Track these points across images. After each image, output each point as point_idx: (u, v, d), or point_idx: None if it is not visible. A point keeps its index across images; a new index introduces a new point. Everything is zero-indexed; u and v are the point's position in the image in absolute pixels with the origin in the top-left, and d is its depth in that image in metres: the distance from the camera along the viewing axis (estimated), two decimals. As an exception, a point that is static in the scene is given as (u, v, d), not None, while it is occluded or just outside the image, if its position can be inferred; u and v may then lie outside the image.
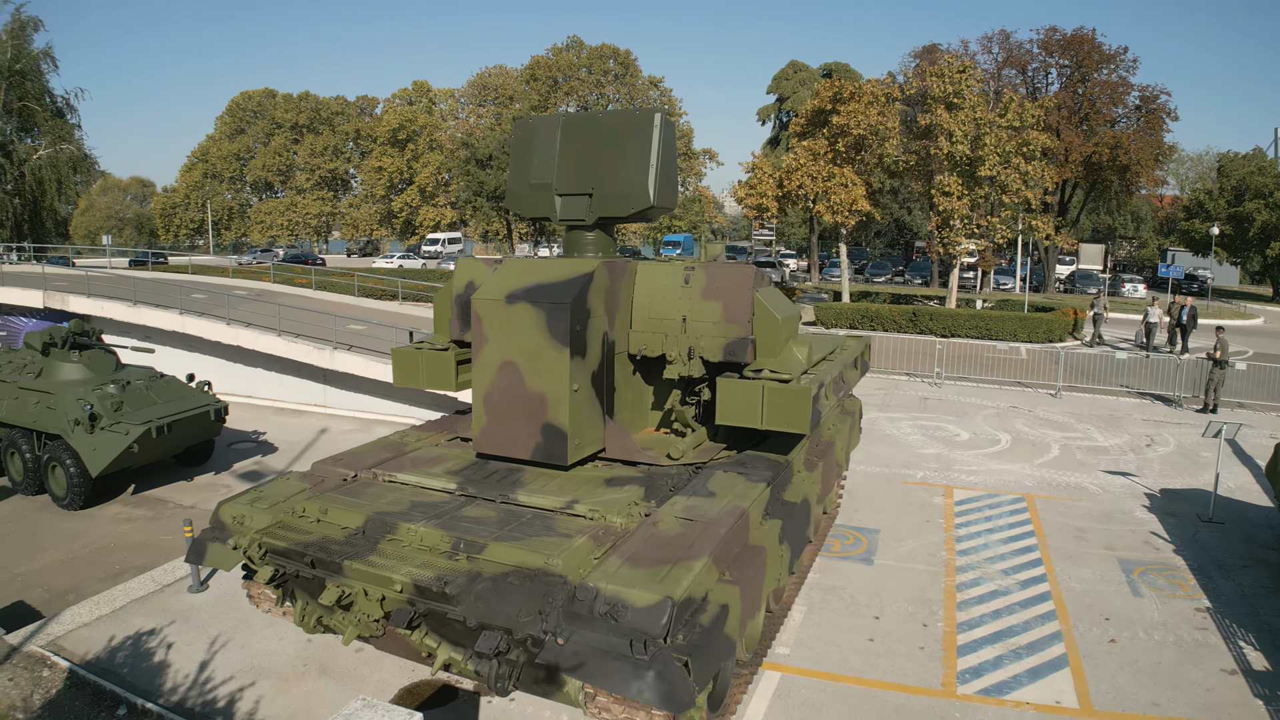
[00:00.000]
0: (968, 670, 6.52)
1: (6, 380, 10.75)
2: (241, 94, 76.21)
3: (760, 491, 6.07)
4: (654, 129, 6.65)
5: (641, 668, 4.31)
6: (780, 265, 44.22)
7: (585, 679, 4.41)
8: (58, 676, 6.20)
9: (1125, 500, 10.55)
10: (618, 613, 4.48)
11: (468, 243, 71.18)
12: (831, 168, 26.37)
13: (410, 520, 5.50)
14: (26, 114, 25.08)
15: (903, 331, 23.91)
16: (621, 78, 79.43)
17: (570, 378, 5.99)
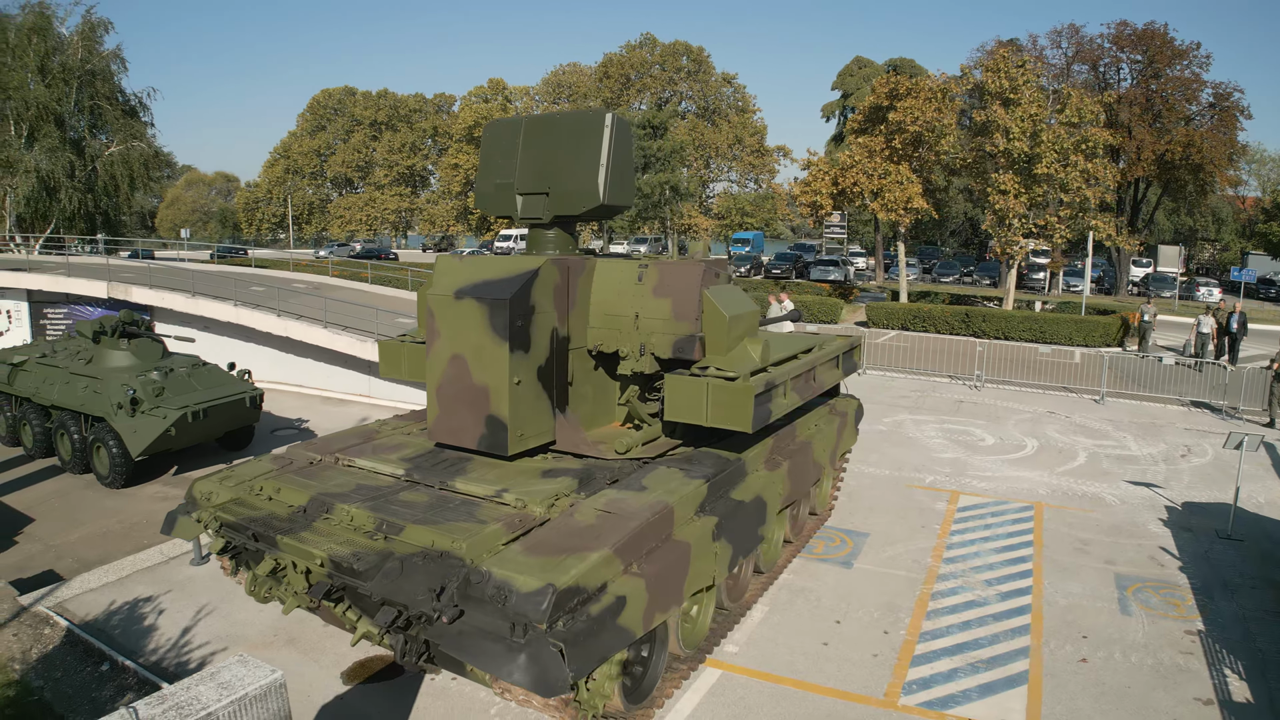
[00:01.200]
0: (916, 681, 6.29)
1: (59, 366, 11.63)
2: (322, 92, 78.17)
3: (695, 488, 6.03)
4: (604, 130, 6.68)
5: (516, 650, 4.38)
6: (844, 264, 43.16)
7: (464, 658, 4.51)
8: (56, 634, 6.73)
9: (1141, 512, 9.91)
10: (505, 596, 4.57)
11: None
12: (887, 165, 25.61)
13: (348, 501, 5.73)
14: (98, 113, 26.37)
15: (955, 333, 23.03)
16: (694, 74, 79.11)
17: (510, 371, 6.09)
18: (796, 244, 63.10)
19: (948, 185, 31.97)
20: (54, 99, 23.88)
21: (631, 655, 5.76)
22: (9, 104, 23.26)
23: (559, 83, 79.30)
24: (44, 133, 23.75)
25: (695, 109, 79.55)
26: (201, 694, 4.00)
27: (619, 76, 74.95)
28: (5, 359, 12.03)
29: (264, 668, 4.23)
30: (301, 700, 6.01)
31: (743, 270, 49.47)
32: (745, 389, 6.13)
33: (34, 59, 23.65)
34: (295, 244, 74.66)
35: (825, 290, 33.96)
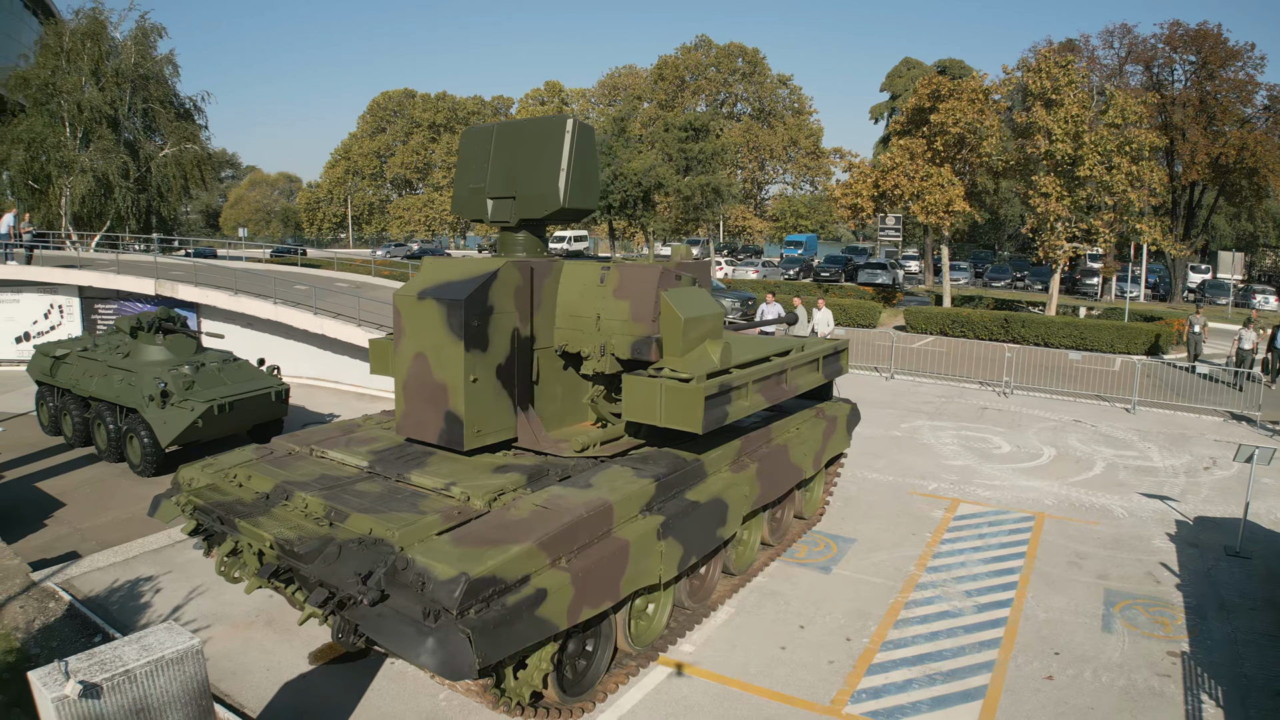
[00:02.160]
0: (867, 690, 6.15)
1: (99, 359, 12.31)
2: (382, 94, 79.02)
3: (640, 487, 6.04)
4: (565, 135, 6.75)
5: (426, 634, 4.49)
6: (892, 268, 42.15)
7: (379, 639, 4.65)
8: (60, 608, 7.16)
9: (1148, 526, 9.44)
10: (423, 583, 4.70)
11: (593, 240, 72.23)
12: (929, 167, 24.95)
13: (307, 490, 5.95)
14: (151, 116, 27.24)
15: (994, 338, 22.27)
16: (749, 76, 78.55)
17: (466, 369, 6.22)
18: (849, 247, 61.87)
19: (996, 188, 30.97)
20: (107, 102, 24.65)
21: (574, 648, 5.84)
22: (64, 107, 24.13)
23: (614, 85, 79.45)
24: (98, 135, 24.58)
25: (750, 111, 79.05)
26: (125, 654, 4.24)
27: (673, 79, 74.93)
28: (49, 352, 12.80)
29: (185, 635, 4.45)
30: (267, 676, 6.29)
31: (791, 273, 49.00)
32: (695, 391, 6.12)
33: (88, 63, 24.40)
34: (355, 244, 76.19)
35: (868, 294, 33.32)
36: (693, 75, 76.03)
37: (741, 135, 74.29)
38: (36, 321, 17.23)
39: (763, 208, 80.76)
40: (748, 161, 76.44)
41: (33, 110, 24.43)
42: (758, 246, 76.63)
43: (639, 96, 76.11)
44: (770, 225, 78.06)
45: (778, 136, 76.12)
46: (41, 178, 23.93)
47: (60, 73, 24.14)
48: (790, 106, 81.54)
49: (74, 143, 24.44)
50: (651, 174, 33.39)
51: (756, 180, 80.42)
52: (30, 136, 23.72)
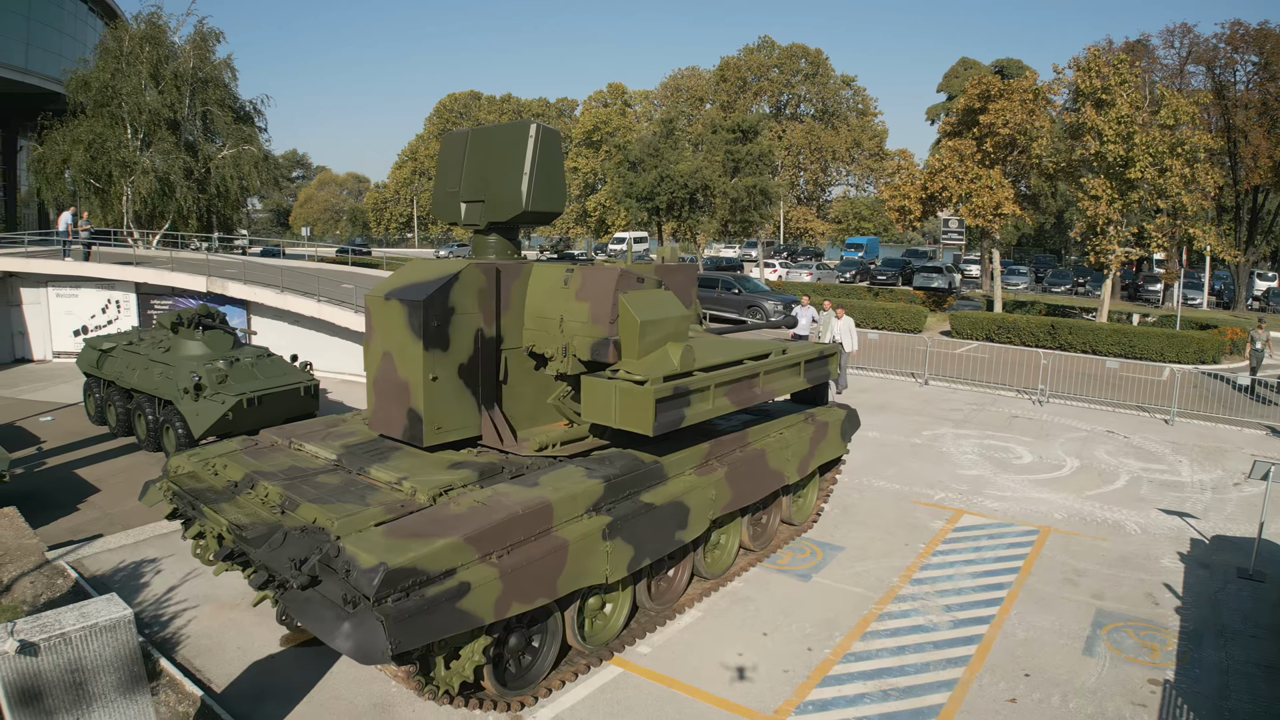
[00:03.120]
0: (815, 702, 5.97)
1: (141, 353, 12.98)
2: (448, 96, 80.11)
3: (587, 487, 6.03)
4: (529, 140, 6.79)
5: (344, 619, 4.61)
6: (949, 271, 40.76)
7: (303, 621, 4.78)
8: (66, 584, 7.60)
9: (1160, 544, 8.88)
10: (347, 570, 4.83)
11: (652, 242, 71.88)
12: (978, 169, 24.05)
13: (271, 480, 6.16)
14: (210, 118, 27.94)
15: (1040, 345, 21.30)
16: (812, 77, 77.32)
17: (425, 368, 6.33)
18: (909, 250, 60.16)
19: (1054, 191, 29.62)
20: (167, 105, 25.46)
21: (516, 643, 5.87)
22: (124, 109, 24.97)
23: (677, 86, 79.11)
24: (158, 137, 25.43)
25: (814, 112, 77.83)
26: (64, 619, 4.47)
27: (735, 80, 74.36)
28: (96, 345, 13.56)
29: (120, 606, 4.65)
30: (239, 655, 6.50)
31: (847, 276, 48.06)
32: (645, 393, 6.08)
33: (147, 67, 25.17)
34: (420, 243, 77.51)
35: (918, 298, 32.38)
36: (755, 76, 75.28)
37: (803, 136, 73.28)
38: (94, 316, 18.31)
39: (825, 210, 79.41)
40: (810, 163, 75.36)
41: (93, 111, 25.32)
42: (818, 249, 75.35)
43: (701, 98, 75.76)
44: (832, 227, 76.67)
45: (841, 138, 74.76)
46: (103, 177, 25.15)
47: (120, 76, 24.95)
48: (854, 108, 79.99)
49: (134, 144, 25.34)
50: (698, 176, 33.24)
51: (819, 182, 79.14)
52: (90, 137, 24.63)
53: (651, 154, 33.92)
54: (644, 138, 38.09)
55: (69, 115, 25.48)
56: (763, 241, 56.30)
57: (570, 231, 77.41)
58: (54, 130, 25.59)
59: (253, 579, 5.25)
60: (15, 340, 18.60)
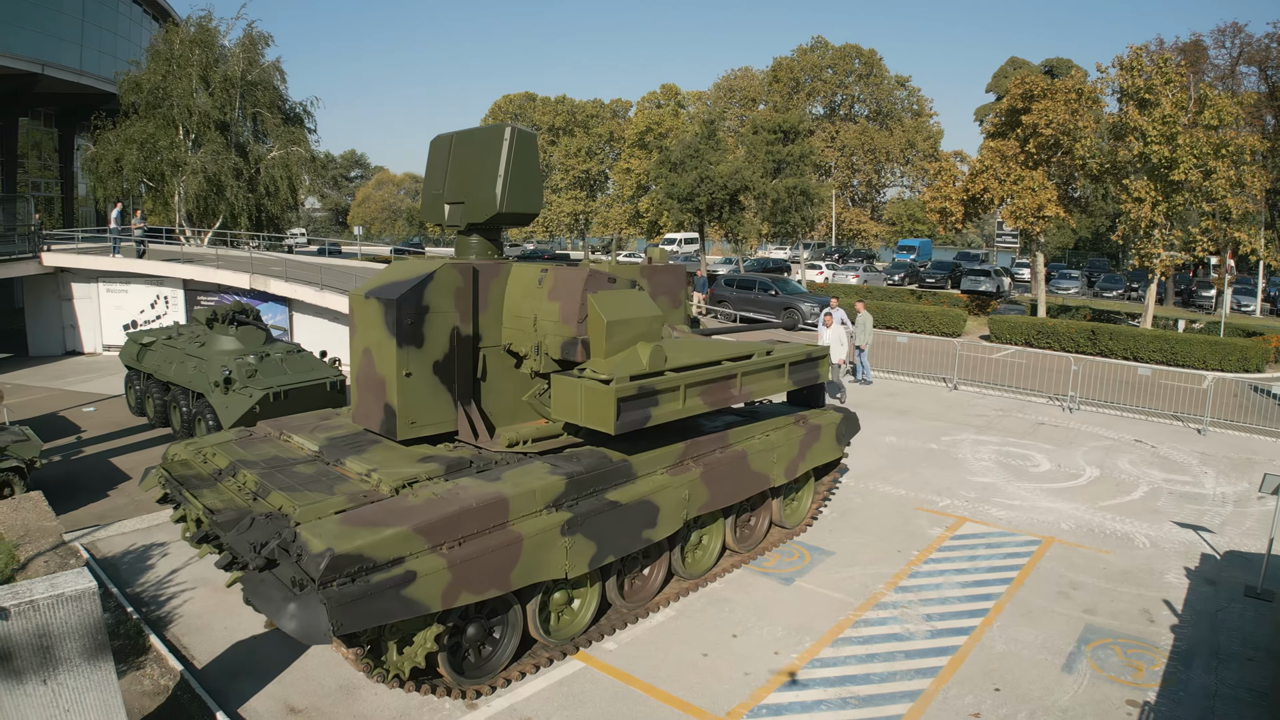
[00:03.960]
0: (769, 706, 5.89)
1: (178, 347, 13.57)
2: (503, 97, 79.36)
3: (547, 483, 6.08)
4: (503, 143, 6.89)
5: (290, 600, 4.79)
6: (997, 274, 39.55)
7: (255, 601, 4.97)
8: (78, 564, 8.00)
9: (1167, 559, 8.47)
10: (299, 555, 5.00)
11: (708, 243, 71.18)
12: (1020, 170, 23.26)
13: (251, 468, 6.39)
14: (259, 120, 28.62)
15: (1080, 350, 20.50)
16: (865, 78, 75.98)
17: (399, 364, 6.48)
18: (961, 252, 58.54)
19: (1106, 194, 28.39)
20: (216, 106, 26.15)
21: (475, 633, 5.97)
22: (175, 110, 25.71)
23: (730, 87, 78.39)
24: (208, 138, 26.16)
25: (868, 113, 76.48)
26: (35, 588, 4.72)
27: (788, 80, 73.49)
28: (138, 339, 14.22)
29: (86, 578, 4.88)
30: (224, 634, 6.76)
31: (896, 279, 47.15)
32: (607, 392, 6.10)
33: (197, 69, 25.86)
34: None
35: (961, 300, 31.54)
36: (808, 77, 74.26)
37: (857, 137, 72.10)
38: (143, 311, 19.21)
39: (879, 211, 77.91)
40: (864, 164, 74.12)
41: (145, 113, 26.20)
42: (870, 251, 74.03)
43: (753, 98, 75.08)
44: (886, 229, 75.16)
45: (895, 139, 73.29)
46: (155, 176, 26.15)
47: (171, 78, 25.72)
48: (908, 108, 78.25)
49: (185, 144, 26.18)
50: (737, 177, 32.98)
51: (872, 183, 77.75)
52: (142, 137, 25.53)
53: (692, 155, 33.78)
54: (684, 138, 37.94)
55: (121, 116, 26.44)
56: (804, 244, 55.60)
57: (623, 232, 77.18)
58: (107, 130, 26.58)
59: (219, 560, 5.49)
60: (66, 333, 19.68)
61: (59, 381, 17.08)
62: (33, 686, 4.65)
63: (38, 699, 4.67)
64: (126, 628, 6.76)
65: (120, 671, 6.23)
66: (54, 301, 19.56)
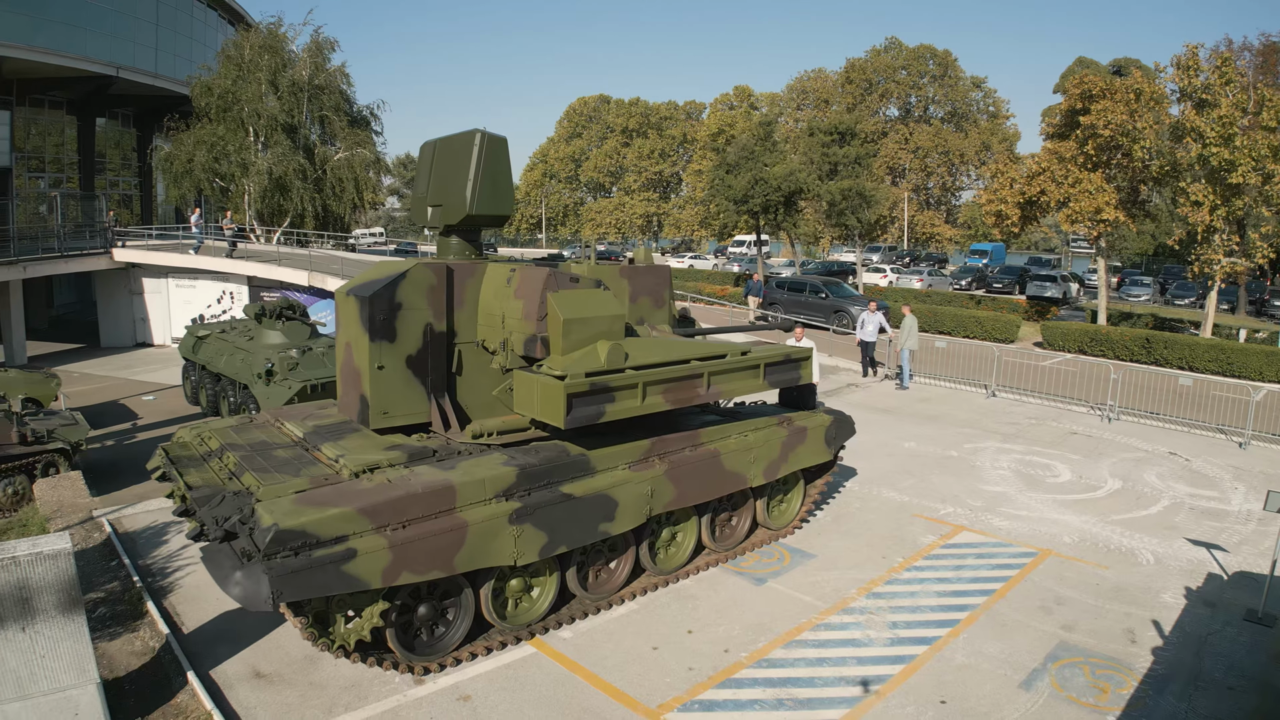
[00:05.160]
0: (702, 702, 5.86)
1: (228, 340, 14.41)
2: (579, 100, 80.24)
3: (500, 474, 6.24)
4: (474, 148, 7.09)
5: (237, 569, 5.12)
6: (1064, 280, 37.64)
7: (209, 569, 5.34)
8: (100, 537, 8.66)
9: (1169, 577, 7.96)
10: (251, 529, 5.33)
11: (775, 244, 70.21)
12: (1079, 172, 22.10)
13: (236, 451, 6.79)
14: (326, 123, 29.37)
15: (1134, 359, 19.35)
16: (940, 79, 73.62)
17: (371, 358, 6.77)
18: (1032, 258, 55.95)
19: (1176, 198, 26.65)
20: (284, 110, 26.97)
21: (426, 612, 6.18)
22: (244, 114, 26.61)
23: (803, 89, 77.03)
24: (274, 140, 27.00)
25: (943, 114, 74.10)
26: (18, 547, 5.16)
27: (860, 81, 71.83)
28: (195, 332, 15.15)
29: (64, 540, 5.30)
30: (215, 604, 7.11)
31: (962, 283, 45.65)
32: (558, 387, 6.23)
33: (266, 74, 26.67)
34: (548, 244, 79.01)
35: (1021, 307, 30.24)
36: (881, 78, 72.38)
37: (930, 139, 69.94)
38: (210, 306, 20.43)
39: (954, 215, 75.29)
40: (938, 166, 71.85)
41: (216, 116, 27.28)
42: (943, 255, 71.67)
43: (826, 100, 73.66)
44: (960, 233, 72.57)
45: (970, 141, 70.69)
46: (226, 177, 27.44)
47: (241, 82, 26.70)
48: (984, 110, 75.36)
49: (255, 147, 27.15)
50: (792, 179, 32.52)
51: (946, 186, 75.24)
52: (213, 140, 26.62)
53: (747, 157, 33.48)
54: (740, 140, 37.61)
55: (193, 118, 27.71)
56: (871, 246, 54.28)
57: (695, 234, 76.57)
58: (180, 132, 27.87)
59: (189, 531, 5.89)
60: (137, 326, 21.10)
61: (125, 371, 18.36)
62: (13, 633, 5.10)
63: (17, 644, 5.12)
64: (130, 595, 7.29)
65: (116, 633, 6.75)
66: (125, 295, 20.98)
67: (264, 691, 5.97)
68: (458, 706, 5.80)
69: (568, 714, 5.71)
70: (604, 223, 77.42)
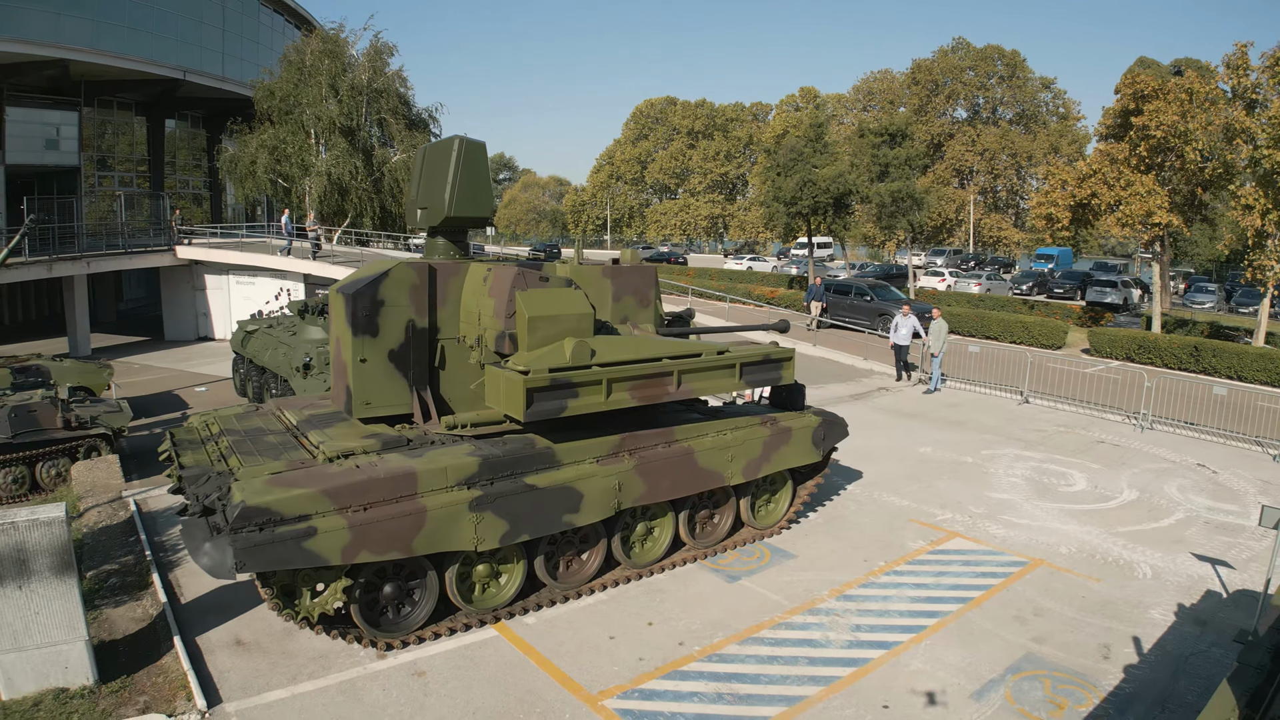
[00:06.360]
0: (642, 691, 5.87)
1: (273, 335, 15.02)
2: (645, 102, 79.69)
3: (462, 463, 6.40)
4: (452, 153, 7.28)
5: (205, 541, 5.47)
6: (1126, 286, 35.62)
7: (185, 542, 5.72)
8: (124, 515, 9.18)
9: (1162, 593, 7.52)
10: (224, 505, 5.66)
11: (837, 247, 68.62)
12: (1130, 174, 20.94)
13: (231, 436, 7.18)
14: (384, 126, 29.95)
15: (1182, 368, 18.22)
16: (1008, 80, 70.90)
17: (354, 352, 7.04)
18: (1097, 262, 53.16)
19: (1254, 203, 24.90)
20: (343, 113, 27.55)
21: (391, 591, 6.39)
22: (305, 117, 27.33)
23: (869, 90, 75.28)
24: (333, 142, 27.67)
25: (1011, 115, 71.35)
26: (17, 514, 5.62)
27: (926, 82, 69.78)
28: (245, 327, 15.89)
29: (59, 509, 5.74)
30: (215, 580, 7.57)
31: (1023, 288, 43.95)
32: (518, 381, 6.36)
33: (326, 78, 27.30)
34: (612, 245, 79.18)
35: (1074, 313, 28.87)
36: (948, 79, 70.12)
37: (997, 141, 67.46)
38: (268, 302, 21.37)
39: (1023, 218, 72.40)
40: (1006, 169, 69.25)
41: (278, 119, 28.14)
42: (1009, 259, 68.95)
43: (892, 101, 71.83)
44: (1027, 236, 69.71)
45: (1038, 143, 67.79)
46: (287, 178, 28.40)
47: (302, 87, 27.45)
48: (1054, 111, 72.16)
49: (316, 149, 27.92)
50: (840, 180, 31.88)
51: (1014, 189, 72.40)
52: (274, 142, 27.58)
53: (796, 158, 32.99)
54: (790, 142, 37.04)
55: (256, 121, 28.66)
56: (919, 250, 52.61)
57: (760, 236, 75.31)
58: (243, 133, 28.87)
59: (177, 508, 6.27)
60: (199, 320, 22.29)
61: (184, 364, 19.43)
62: (10, 591, 5.56)
63: (14, 601, 5.58)
64: (141, 567, 7.78)
65: (121, 601, 7.22)
66: (188, 291, 22.14)
67: (240, 657, 6.31)
68: (411, 681, 5.99)
69: (510, 694, 5.83)
70: (669, 224, 77.01)
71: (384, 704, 5.72)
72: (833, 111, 75.48)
